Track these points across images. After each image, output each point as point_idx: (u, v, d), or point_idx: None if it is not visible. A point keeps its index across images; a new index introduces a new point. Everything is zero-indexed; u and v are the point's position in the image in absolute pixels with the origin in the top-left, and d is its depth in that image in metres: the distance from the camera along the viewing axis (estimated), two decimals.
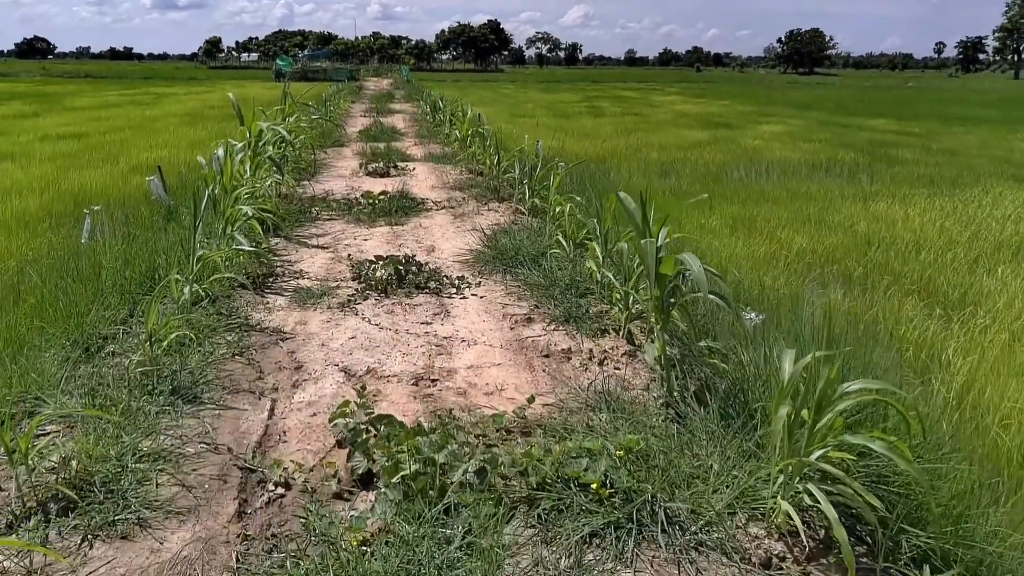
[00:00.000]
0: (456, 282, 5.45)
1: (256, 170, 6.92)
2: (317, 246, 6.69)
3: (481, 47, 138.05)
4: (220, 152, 5.85)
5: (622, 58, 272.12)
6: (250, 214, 5.57)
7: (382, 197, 8.45)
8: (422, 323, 4.71)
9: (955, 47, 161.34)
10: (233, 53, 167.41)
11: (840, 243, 8.46)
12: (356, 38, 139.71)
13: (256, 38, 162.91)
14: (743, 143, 19.41)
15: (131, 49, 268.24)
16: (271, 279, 5.60)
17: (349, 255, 6.26)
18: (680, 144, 18.92)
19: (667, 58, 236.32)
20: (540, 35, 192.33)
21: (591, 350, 4.31)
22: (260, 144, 6.94)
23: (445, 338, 4.48)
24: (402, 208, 8.21)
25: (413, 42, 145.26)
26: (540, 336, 4.50)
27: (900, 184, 12.72)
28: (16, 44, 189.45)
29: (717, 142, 19.64)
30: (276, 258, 6.20)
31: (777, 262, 7.56)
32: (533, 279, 5.43)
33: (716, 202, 10.94)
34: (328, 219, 7.86)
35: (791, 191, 11.86)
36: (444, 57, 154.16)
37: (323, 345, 4.36)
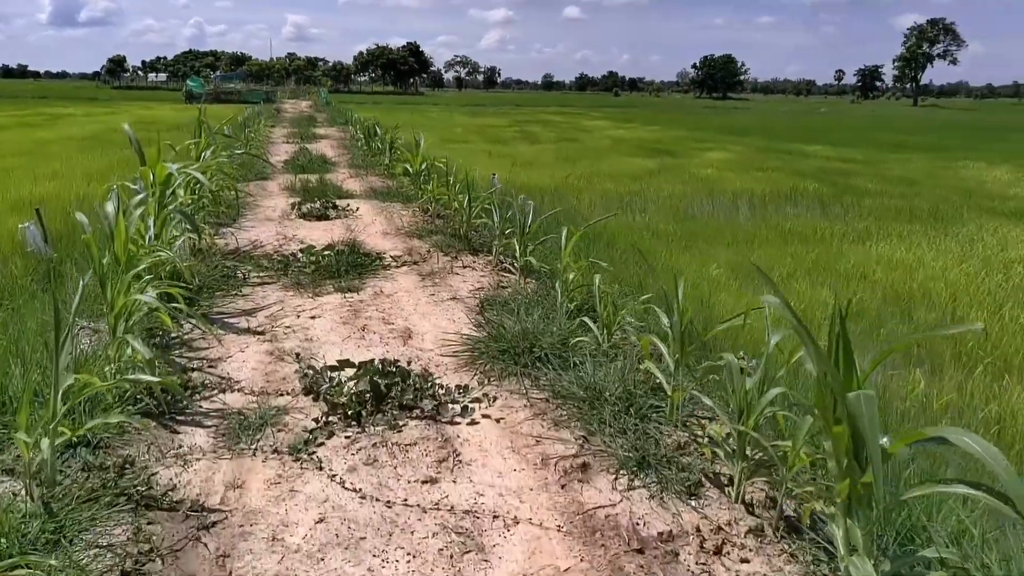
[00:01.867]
0: (457, 395, 3.84)
1: (163, 226, 5.15)
2: (248, 330, 4.96)
3: (400, 69, 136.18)
4: (110, 208, 4.10)
5: (539, 82, 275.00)
6: (152, 304, 3.83)
7: (327, 253, 6.74)
8: (424, 481, 3.08)
9: (854, 75, 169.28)
10: (139, 73, 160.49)
11: (869, 299, 7.23)
12: (271, 59, 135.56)
13: (164, 58, 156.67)
14: (694, 172, 18.45)
15: (26, 67, 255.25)
16: (186, 392, 3.87)
17: (296, 350, 4.55)
18: (631, 173, 17.79)
19: (583, 83, 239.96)
20: (459, 58, 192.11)
21: (698, 528, 2.79)
22: (168, 192, 5.18)
23: (466, 513, 2.87)
24: (354, 266, 6.53)
25: (330, 64, 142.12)
26: (613, 504, 2.94)
27: (882, 219, 11.78)
28: None
29: (667, 171, 18.62)
30: (192, 355, 4.45)
31: (816, 328, 6.25)
32: (565, 387, 3.88)
33: (701, 245, 9.67)
34: (260, 283, 6.12)
35: (778, 230, 10.70)
36: (362, 79, 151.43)
37: (274, 540, 2.68)
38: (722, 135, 33.41)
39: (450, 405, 3.70)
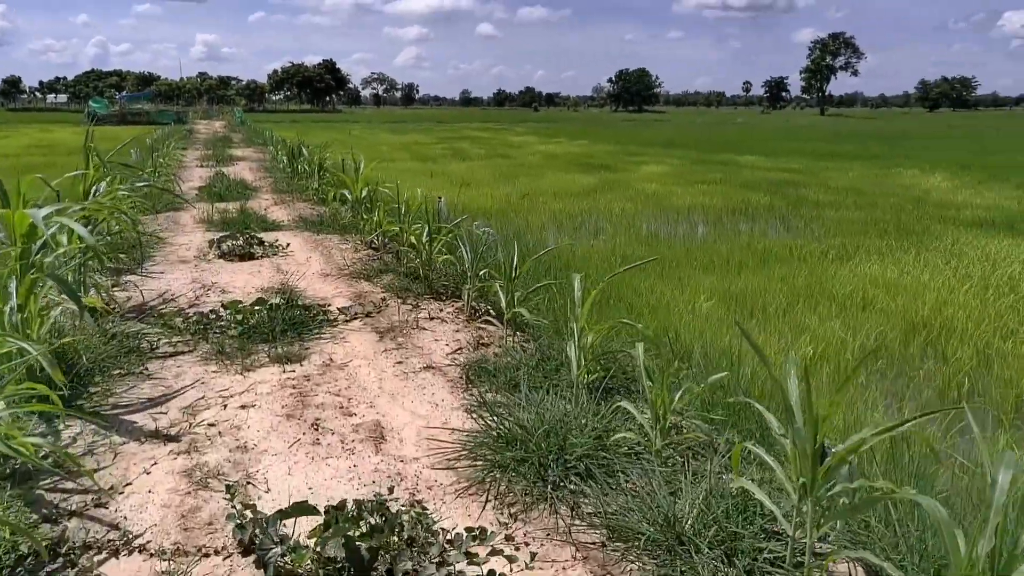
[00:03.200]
0: (471, 546, 2.61)
1: (28, 295, 3.75)
2: (156, 434, 3.61)
3: (317, 87, 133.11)
4: None
5: (458, 98, 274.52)
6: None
7: (257, 308, 5.40)
8: None
9: (761, 86, 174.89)
10: (37, 94, 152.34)
11: (889, 333, 6.35)
12: (181, 79, 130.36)
13: (64, 78, 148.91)
14: (638, 187, 17.65)
15: None
16: (56, 559, 2.54)
17: (224, 468, 3.24)
18: (573, 191, 16.84)
19: (501, 98, 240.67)
20: (376, 75, 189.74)
21: None
22: (37, 247, 3.78)
23: None
24: (292, 324, 5.22)
25: (244, 82, 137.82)
26: None
27: (851, 234, 11.10)
28: None
29: (610, 187, 17.76)
30: (70, 489, 3.09)
31: (836, 373, 5.30)
32: (623, 518, 2.71)
33: (679, 271, 8.70)
34: (172, 355, 4.75)
35: (752, 250, 9.83)
36: (277, 98, 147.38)
37: None
38: (652, 148, 33.03)
39: (472, 567, 2.48)
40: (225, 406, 3.96)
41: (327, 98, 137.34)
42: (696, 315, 6.69)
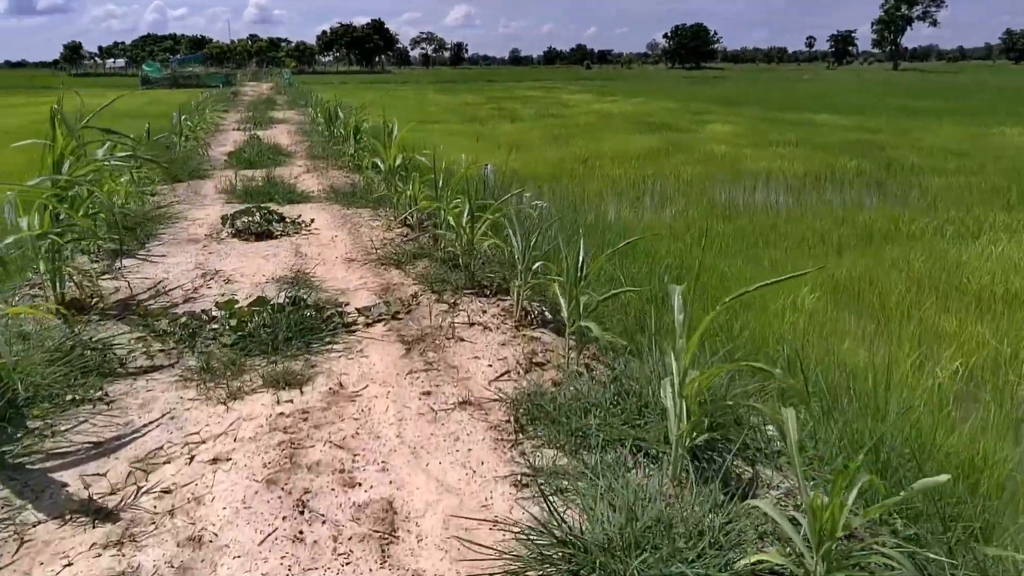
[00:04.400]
0: None
1: None
2: (82, 509, 2.59)
3: (366, 48, 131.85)
4: None
5: (507, 57, 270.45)
6: None
7: (257, 308, 4.35)
8: None
9: (827, 40, 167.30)
10: (97, 60, 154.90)
11: None
12: (232, 41, 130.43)
13: (123, 43, 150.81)
14: (706, 149, 16.15)
15: None
16: None
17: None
18: (635, 153, 15.46)
19: (552, 56, 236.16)
20: (425, 35, 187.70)
21: None
22: None
23: None
24: (301, 329, 4.16)
25: (293, 44, 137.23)
26: None
27: (965, 205, 9.56)
28: None
29: (676, 149, 16.30)
30: None
31: (1002, 402, 4.02)
32: None
33: (768, 252, 7.40)
34: (144, 373, 3.74)
35: (851, 226, 8.44)
36: (327, 59, 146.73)
37: None
38: (714, 105, 31.08)
39: None
40: (191, 458, 2.92)
41: (376, 59, 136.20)
42: (799, 312, 5.44)
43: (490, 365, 3.76)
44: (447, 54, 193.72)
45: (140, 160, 5.40)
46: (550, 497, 2.53)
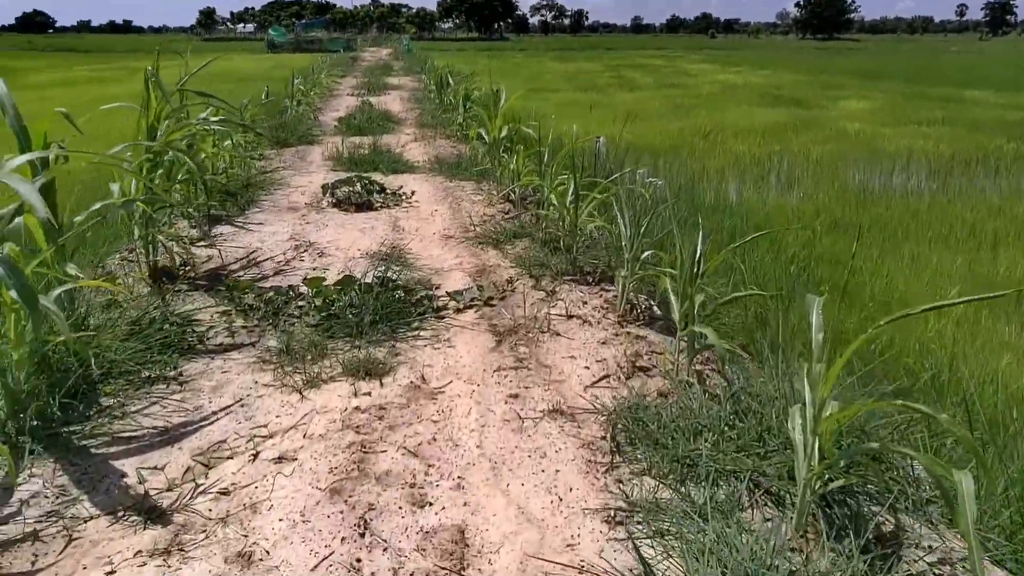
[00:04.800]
0: None
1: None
2: (135, 507, 2.39)
3: (485, 15, 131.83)
4: None
5: (628, 25, 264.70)
6: None
7: (344, 288, 4.11)
8: None
9: (981, 9, 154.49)
10: (228, 25, 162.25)
11: None
12: (355, 7, 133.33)
13: (252, 8, 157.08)
14: (838, 126, 14.97)
15: (131, 22, 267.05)
16: None
17: None
18: (759, 128, 14.50)
19: (675, 24, 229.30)
20: (545, 2, 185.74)
21: None
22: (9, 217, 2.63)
23: None
24: (388, 313, 3.89)
25: (414, 10, 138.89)
26: None
27: None
28: (16, 19, 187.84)
29: (803, 125, 15.20)
30: None
31: None
32: None
33: (910, 247, 6.61)
34: (223, 351, 3.57)
35: (1010, 219, 7.48)
36: (446, 26, 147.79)
37: None
38: (850, 79, 29.03)
39: None
40: (256, 455, 2.69)
41: (495, 26, 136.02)
42: (946, 317, 4.76)
43: (587, 367, 3.37)
44: (567, 21, 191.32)
45: (236, 125, 5.27)
46: (647, 542, 2.13)
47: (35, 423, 2.77)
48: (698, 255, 3.21)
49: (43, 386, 2.91)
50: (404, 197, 6.75)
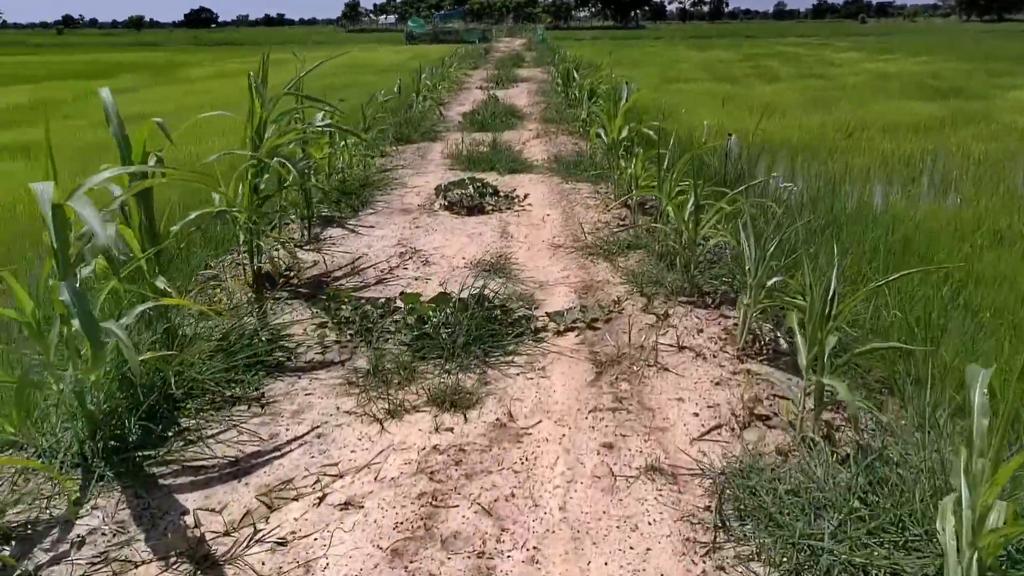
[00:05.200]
0: None
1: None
2: (188, 552, 2.24)
3: (621, 2, 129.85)
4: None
5: (771, 11, 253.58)
6: None
7: (439, 306, 3.87)
8: None
9: None
10: (371, 16, 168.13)
11: None
12: None
13: (394, 0, 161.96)
14: (1004, 120, 13.42)
15: (283, 15, 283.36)
16: None
17: None
18: (911, 123, 13.22)
19: (822, 9, 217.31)
20: None
21: None
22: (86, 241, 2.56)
23: None
24: (480, 334, 3.63)
25: (550, 0, 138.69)
26: None
27: None
28: (184, 15, 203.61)
29: (964, 119, 13.74)
30: None
31: None
32: None
33: None
34: (310, 370, 3.43)
35: None
36: (582, 15, 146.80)
37: None
38: (1022, 67, 26.24)
39: None
40: (321, 499, 2.50)
41: (631, 14, 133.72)
42: None
43: (696, 413, 2.98)
44: (705, 8, 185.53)
45: (342, 130, 5.18)
46: None
47: (112, 444, 2.70)
48: (831, 292, 2.74)
49: (123, 406, 2.84)
50: (517, 200, 6.49)
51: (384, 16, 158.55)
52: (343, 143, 7.06)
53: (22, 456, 2.70)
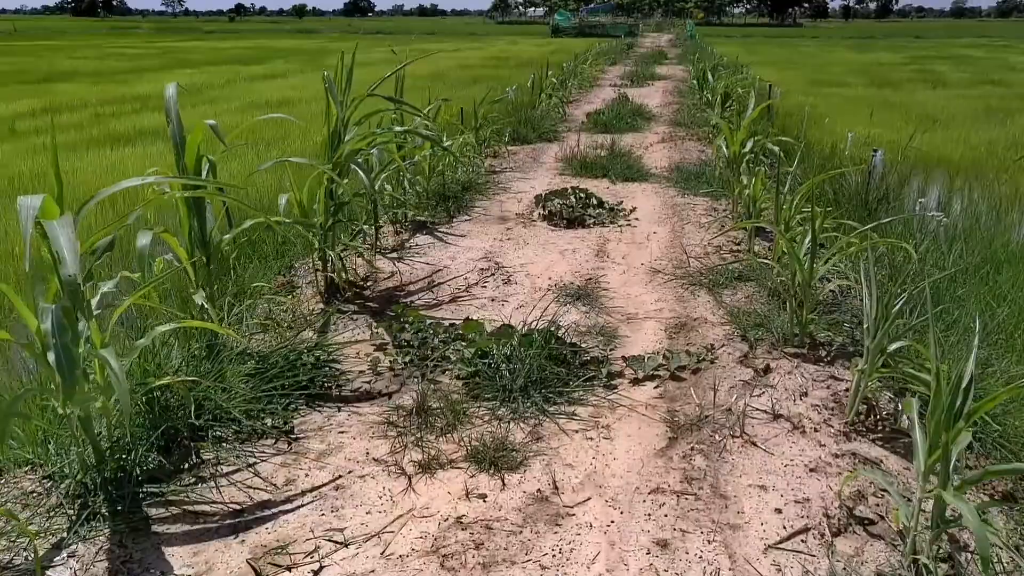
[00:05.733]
0: None
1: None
2: None
3: None
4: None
5: (948, 8, 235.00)
6: None
7: (497, 339, 3.47)
8: None
9: None
10: (520, 8, 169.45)
11: None
12: None
13: None
14: None
15: (436, 6, 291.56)
16: None
17: None
18: None
19: (1008, 8, 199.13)
20: None
21: None
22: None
23: None
24: (543, 378, 3.20)
25: None
26: None
27: None
28: (344, 3, 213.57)
29: None
30: None
31: None
32: None
33: None
34: (352, 402, 3.13)
35: None
36: (736, 10, 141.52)
37: None
38: None
39: None
40: (317, 572, 2.17)
41: (788, 11, 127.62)
42: None
43: (779, 509, 2.43)
44: (873, 5, 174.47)
45: (425, 137, 4.86)
46: None
47: (117, 475, 2.49)
48: (966, 380, 2.13)
49: (139, 433, 2.64)
50: (622, 213, 5.98)
51: (533, 8, 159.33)
52: (449, 143, 6.80)
53: (33, 479, 2.54)
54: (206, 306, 3.02)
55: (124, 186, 2.40)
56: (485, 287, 4.47)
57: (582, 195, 6.07)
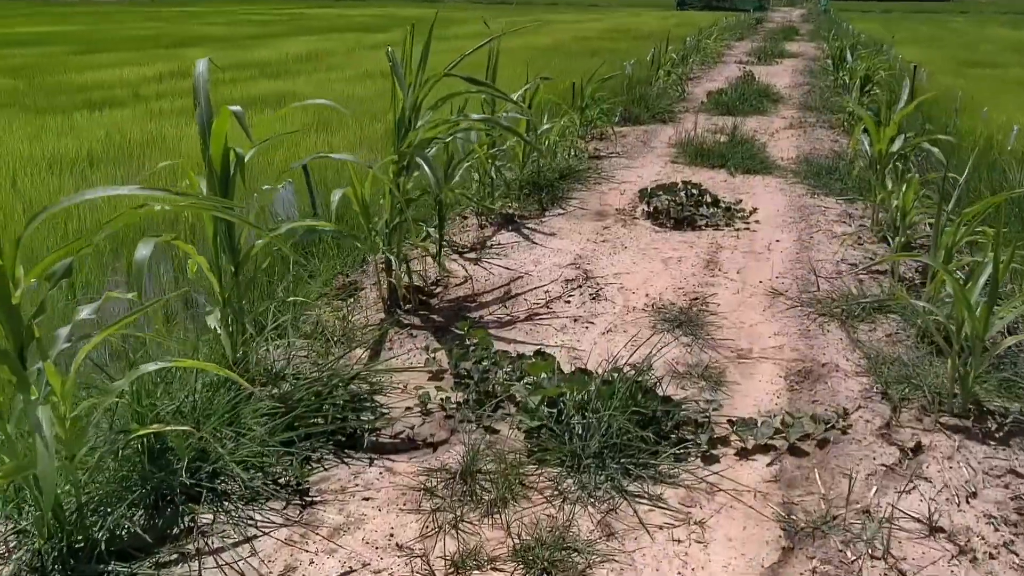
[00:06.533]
0: None
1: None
2: None
3: None
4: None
5: None
6: None
7: (569, 386, 2.82)
8: None
9: None
10: None
11: None
12: None
13: None
14: None
15: None
16: None
17: None
18: None
19: None
20: None
21: None
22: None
23: None
24: (621, 443, 2.53)
25: None
26: None
27: None
28: None
29: None
30: None
31: None
32: None
33: None
34: (392, 452, 2.58)
35: None
36: None
37: None
38: None
39: None
40: None
41: None
42: None
43: None
44: None
45: (501, 127, 4.18)
46: None
47: (78, 547, 2.03)
48: None
49: (120, 492, 2.17)
50: (740, 215, 5.17)
51: None
52: (548, 126, 6.15)
53: (2, 532, 2.12)
54: (219, 330, 2.52)
55: (89, 197, 1.89)
56: (569, 303, 3.82)
57: (694, 191, 5.29)
